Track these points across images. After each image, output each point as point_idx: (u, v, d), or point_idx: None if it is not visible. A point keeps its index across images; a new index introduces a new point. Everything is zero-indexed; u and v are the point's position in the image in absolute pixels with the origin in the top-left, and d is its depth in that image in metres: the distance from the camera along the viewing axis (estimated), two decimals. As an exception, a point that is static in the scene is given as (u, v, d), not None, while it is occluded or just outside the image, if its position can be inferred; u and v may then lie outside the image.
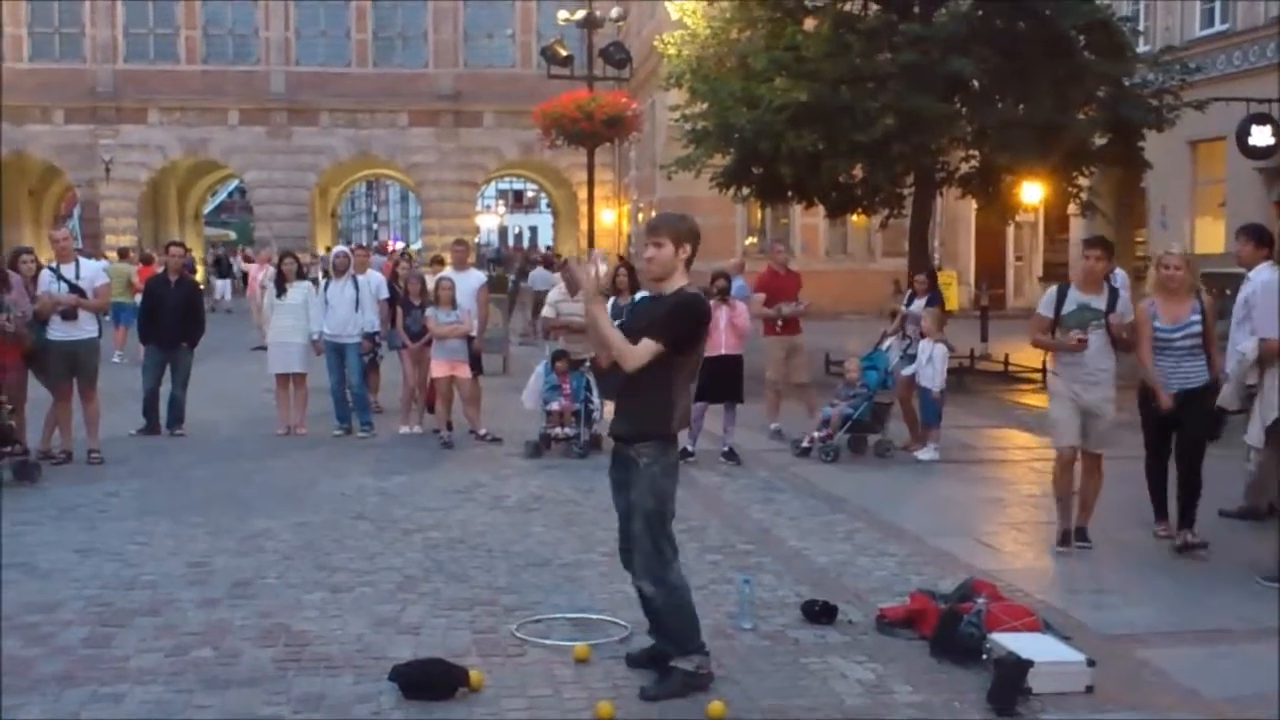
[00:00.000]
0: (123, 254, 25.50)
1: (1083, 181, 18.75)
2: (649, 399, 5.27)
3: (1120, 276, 23.15)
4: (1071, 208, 21.43)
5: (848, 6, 17.95)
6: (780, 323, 12.79)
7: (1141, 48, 20.89)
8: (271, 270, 16.04)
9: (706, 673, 5.33)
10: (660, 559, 5.34)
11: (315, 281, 13.51)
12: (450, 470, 10.87)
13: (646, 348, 5.13)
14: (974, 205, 25.46)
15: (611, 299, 11.24)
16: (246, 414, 14.06)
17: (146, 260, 24.49)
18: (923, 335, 11.61)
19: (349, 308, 12.83)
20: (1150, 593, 7.01)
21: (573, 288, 11.86)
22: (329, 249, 24.29)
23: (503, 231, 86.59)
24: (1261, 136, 19.44)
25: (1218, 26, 23.11)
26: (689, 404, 5.50)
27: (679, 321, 5.23)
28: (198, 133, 43.57)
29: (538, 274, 26.41)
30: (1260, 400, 7.58)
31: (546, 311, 12.37)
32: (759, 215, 33.07)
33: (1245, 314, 8.11)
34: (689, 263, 5.36)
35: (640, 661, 5.54)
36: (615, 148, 36.23)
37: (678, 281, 5.31)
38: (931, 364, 11.35)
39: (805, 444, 11.56)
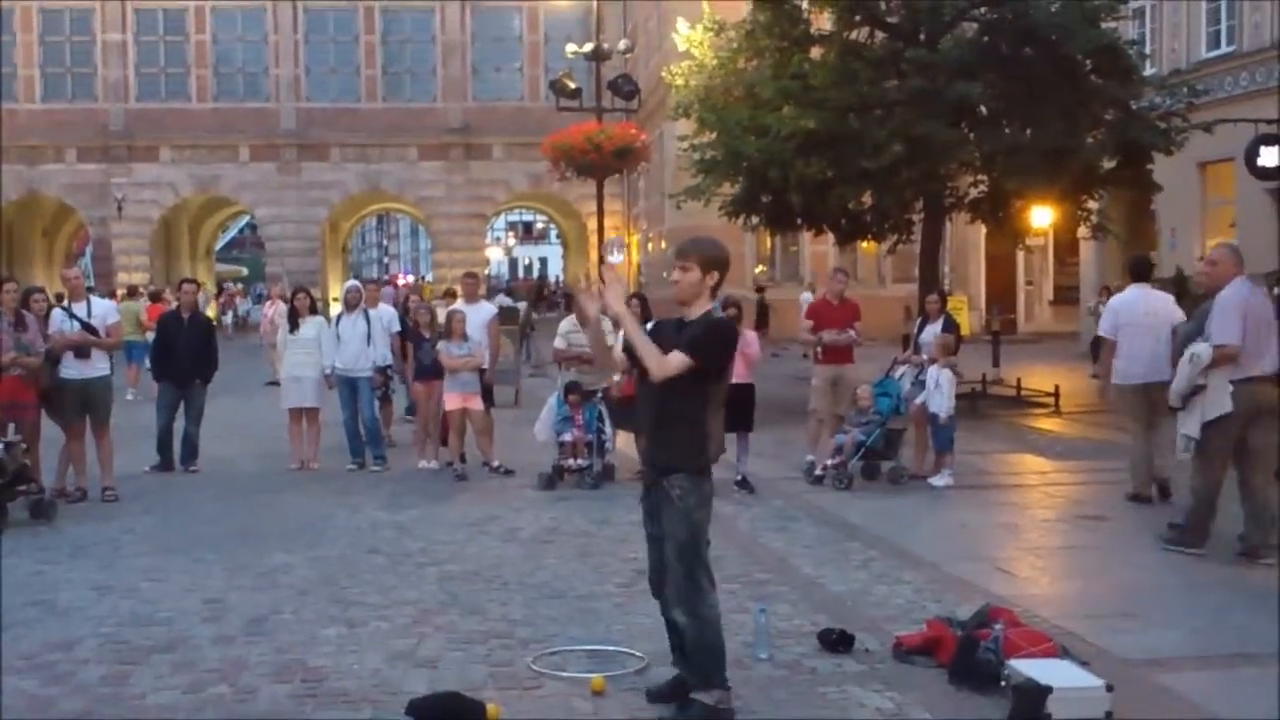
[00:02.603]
0: (131, 291, 25.58)
1: (1092, 205, 18.75)
2: (683, 430, 5.23)
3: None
4: (1082, 231, 21.46)
5: (854, 35, 18.03)
6: (820, 350, 12.23)
7: (1148, 71, 20.92)
8: (283, 306, 16.11)
9: (727, 709, 5.28)
10: (696, 590, 5.29)
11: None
12: (464, 503, 10.87)
13: (678, 359, 5.07)
14: (983, 230, 25.51)
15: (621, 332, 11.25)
16: (260, 449, 14.08)
17: (155, 297, 24.51)
18: (932, 360, 11.60)
19: (361, 342, 12.87)
20: (1169, 617, 6.97)
21: (582, 319, 11.87)
22: None
23: (512, 263, 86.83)
24: (1270, 157, 19.41)
25: (1224, 49, 23.16)
26: (723, 435, 5.41)
27: (714, 343, 5.21)
28: (209, 170, 43.83)
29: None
30: (1205, 398, 8.06)
31: (558, 342, 12.38)
32: (768, 243, 33.17)
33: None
34: (715, 290, 5.35)
35: (662, 695, 5.49)
36: (624, 178, 36.40)
37: (703, 306, 5.30)
38: (940, 389, 11.34)
39: (819, 472, 11.54)
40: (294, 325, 13.06)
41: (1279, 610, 6.71)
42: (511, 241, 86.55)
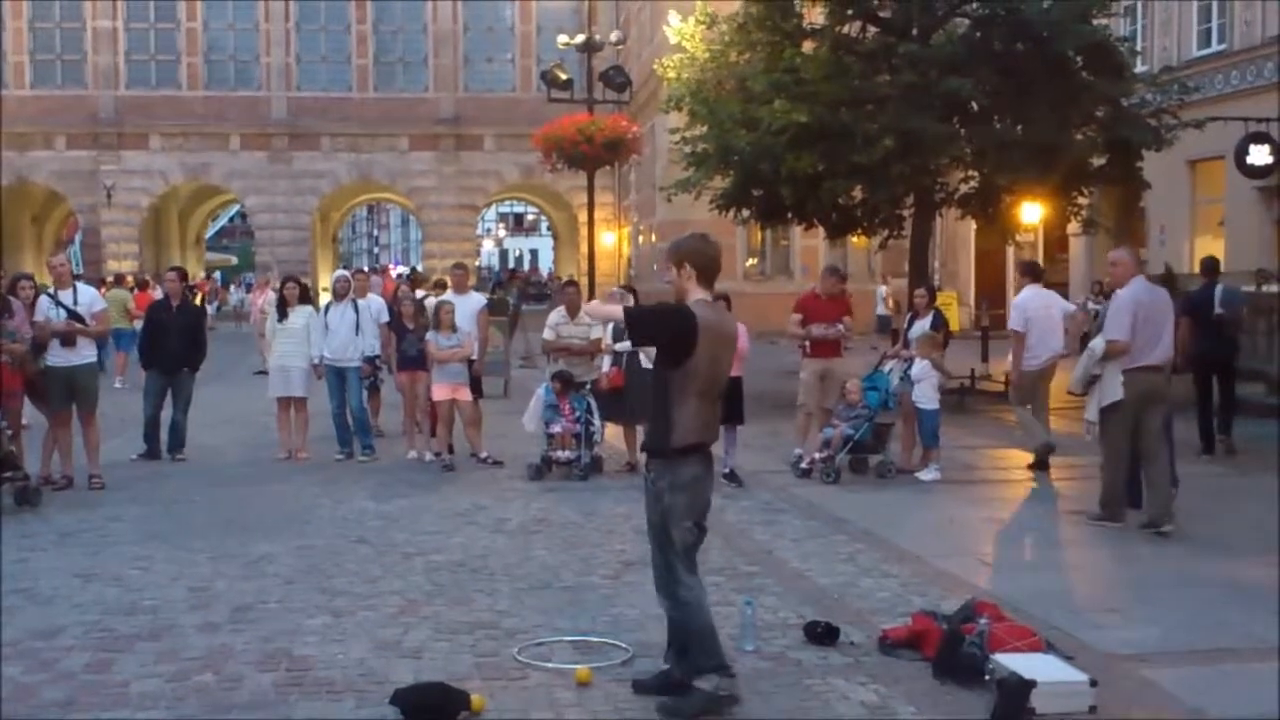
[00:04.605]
0: (119, 279, 25.48)
1: (1082, 201, 18.79)
2: (653, 417, 5.44)
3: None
4: (1072, 227, 21.52)
5: (846, 29, 18.02)
6: (808, 344, 12.12)
7: (1139, 68, 20.96)
8: (273, 295, 16.07)
9: (727, 695, 5.31)
10: (670, 574, 5.39)
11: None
12: (451, 493, 10.86)
13: (615, 306, 5.41)
14: (974, 225, 25.53)
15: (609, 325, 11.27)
16: (248, 438, 14.06)
17: (142, 285, 24.41)
18: (923, 356, 11.62)
19: (349, 331, 12.85)
20: (1153, 612, 6.99)
21: (573, 310, 11.91)
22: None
23: (503, 254, 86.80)
24: (1260, 155, 19.50)
25: (1215, 47, 23.22)
26: (697, 424, 5.34)
27: (651, 313, 5.43)
28: (199, 158, 43.73)
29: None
30: (1100, 386, 9.02)
31: (546, 334, 12.36)
32: (759, 237, 33.17)
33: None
34: (704, 279, 5.45)
35: (648, 687, 5.51)
36: (615, 170, 36.41)
37: (695, 297, 5.43)
38: (925, 382, 11.42)
39: (806, 465, 11.55)
40: (283, 314, 13.02)
41: (1279, 609, 6.74)
42: (502, 233, 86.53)
